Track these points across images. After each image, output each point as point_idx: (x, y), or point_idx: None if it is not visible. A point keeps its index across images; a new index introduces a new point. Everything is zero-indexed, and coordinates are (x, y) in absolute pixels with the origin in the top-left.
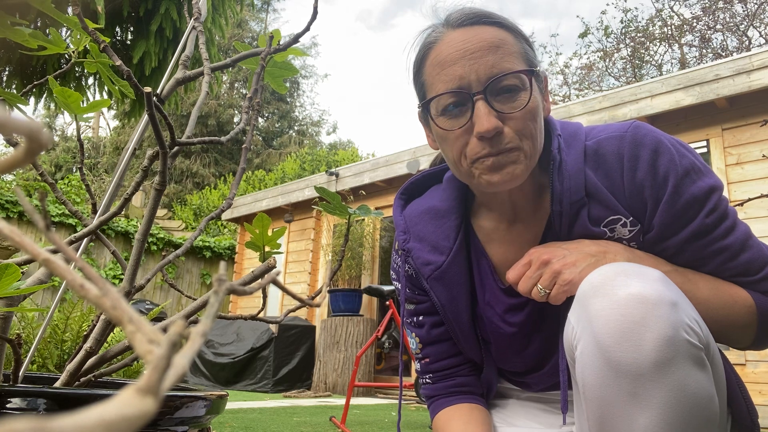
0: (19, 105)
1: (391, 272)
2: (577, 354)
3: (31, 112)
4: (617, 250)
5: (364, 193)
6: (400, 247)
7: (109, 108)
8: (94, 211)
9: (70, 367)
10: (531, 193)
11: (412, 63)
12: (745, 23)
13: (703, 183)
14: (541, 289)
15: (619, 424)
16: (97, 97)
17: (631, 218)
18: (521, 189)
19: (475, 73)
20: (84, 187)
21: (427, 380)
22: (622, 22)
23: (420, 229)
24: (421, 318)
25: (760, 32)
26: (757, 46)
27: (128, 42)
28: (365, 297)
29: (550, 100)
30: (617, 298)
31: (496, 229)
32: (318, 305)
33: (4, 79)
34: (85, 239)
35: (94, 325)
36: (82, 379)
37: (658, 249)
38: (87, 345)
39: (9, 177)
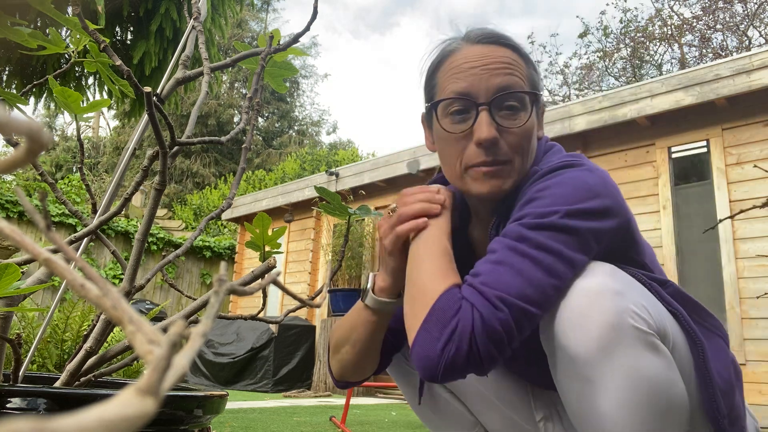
0: (19, 105)
1: None
2: (545, 348)
3: (31, 112)
4: None
5: (364, 193)
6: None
7: (109, 108)
8: (94, 211)
9: (70, 367)
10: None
11: (426, 68)
12: (745, 23)
13: (545, 209)
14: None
15: (586, 411)
16: (97, 96)
17: None
18: (505, 202)
19: (485, 86)
20: (84, 187)
21: None
22: (621, 22)
23: None
24: None
25: (760, 32)
26: (757, 46)
27: (128, 42)
28: None
29: (550, 100)
30: (571, 292)
31: (482, 242)
32: (318, 305)
33: (4, 79)
34: (85, 239)
35: (94, 325)
36: (82, 379)
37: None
38: (87, 345)
39: (9, 177)
